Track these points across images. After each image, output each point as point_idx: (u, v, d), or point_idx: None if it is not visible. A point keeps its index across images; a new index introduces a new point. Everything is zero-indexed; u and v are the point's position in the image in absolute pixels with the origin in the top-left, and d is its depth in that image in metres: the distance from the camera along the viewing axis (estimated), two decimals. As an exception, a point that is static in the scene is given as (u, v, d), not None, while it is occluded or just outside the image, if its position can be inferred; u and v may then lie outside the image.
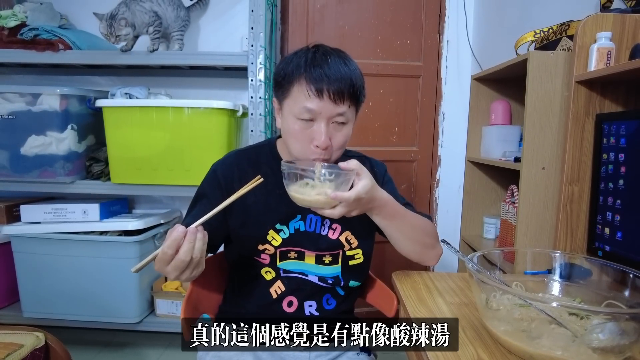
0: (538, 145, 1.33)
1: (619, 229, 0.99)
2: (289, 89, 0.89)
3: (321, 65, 0.86)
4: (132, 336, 2.03)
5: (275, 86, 0.94)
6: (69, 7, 2.04)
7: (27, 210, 1.81)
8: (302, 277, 0.99)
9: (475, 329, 0.79)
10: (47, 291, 1.82)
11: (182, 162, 1.72)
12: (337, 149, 0.91)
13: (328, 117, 0.87)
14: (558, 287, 0.88)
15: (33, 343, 1.22)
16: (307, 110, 0.86)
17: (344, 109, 0.87)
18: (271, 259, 0.98)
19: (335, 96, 0.85)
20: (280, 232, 0.97)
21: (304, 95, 0.86)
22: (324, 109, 0.86)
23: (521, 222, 1.36)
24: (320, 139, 0.86)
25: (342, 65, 0.87)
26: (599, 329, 0.65)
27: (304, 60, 0.87)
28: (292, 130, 0.89)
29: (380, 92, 2.13)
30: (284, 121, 0.92)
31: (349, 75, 0.87)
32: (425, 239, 0.98)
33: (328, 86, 0.84)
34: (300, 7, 2.06)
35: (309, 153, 0.89)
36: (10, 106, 1.74)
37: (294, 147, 0.91)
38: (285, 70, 0.89)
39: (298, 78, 0.87)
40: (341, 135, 0.90)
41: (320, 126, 0.87)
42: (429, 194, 2.25)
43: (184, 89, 2.12)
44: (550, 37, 1.37)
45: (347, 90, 0.86)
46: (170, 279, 0.76)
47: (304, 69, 0.86)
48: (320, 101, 0.85)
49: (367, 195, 0.82)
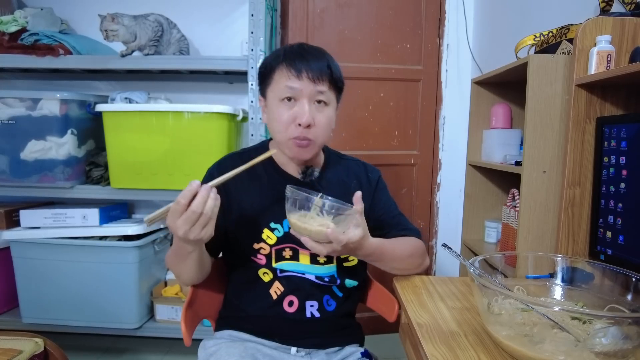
0: (539, 148, 1.32)
1: (620, 232, 0.99)
2: (271, 77, 0.95)
3: (299, 52, 0.94)
4: (131, 342, 2.02)
5: (260, 80, 1.00)
6: (69, 12, 2.04)
7: (27, 215, 1.81)
8: (299, 275, 0.99)
9: (477, 334, 0.78)
10: (46, 297, 1.81)
11: (182, 166, 1.72)
12: (321, 131, 0.94)
13: (309, 96, 0.92)
14: (560, 291, 0.87)
15: (32, 349, 1.21)
16: (289, 88, 0.91)
17: (323, 89, 0.93)
18: (267, 259, 0.99)
19: (313, 76, 0.91)
20: (274, 231, 0.99)
21: (285, 77, 0.92)
22: (305, 88, 0.91)
23: (522, 226, 1.35)
24: (303, 116, 0.91)
25: (318, 52, 0.95)
26: (602, 333, 0.65)
27: (282, 51, 0.96)
28: (276, 114, 0.94)
29: (380, 96, 2.13)
30: (269, 110, 0.97)
31: (326, 60, 0.94)
32: (410, 264, 1.02)
33: (307, 68, 0.91)
34: (300, 12, 2.06)
35: (292, 132, 0.92)
36: (10, 111, 1.74)
37: (278, 129, 0.95)
38: (267, 62, 0.97)
39: (279, 65, 0.93)
40: (323, 116, 0.94)
41: (303, 104, 0.92)
42: (430, 198, 2.25)
43: (183, 93, 2.13)
44: (550, 40, 1.37)
45: (325, 72, 0.92)
46: (179, 235, 0.77)
47: (283, 57, 0.93)
48: (300, 81, 0.91)
49: (354, 245, 0.83)
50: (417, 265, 1.04)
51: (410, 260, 1.01)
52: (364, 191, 1.05)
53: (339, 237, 0.79)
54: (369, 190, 1.07)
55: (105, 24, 1.65)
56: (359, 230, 0.83)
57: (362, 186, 1.06)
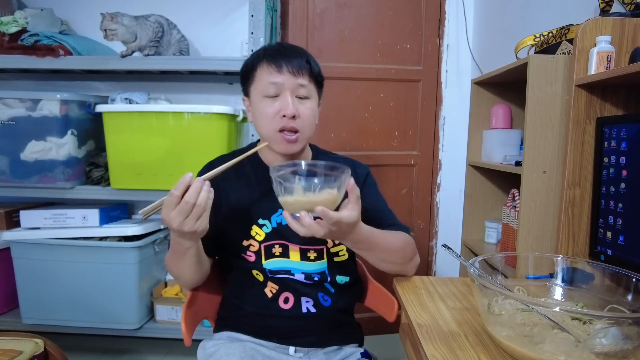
0: (539, 149, 1.32)
1: (621, 232, 0.99)
2: (253, 75, 0.98)
3: (278, 49, 0.97)
4: (131, 342, 2.02)
5: (242, 80, 1.02)
6: (69, 13, 2.04)
7: (27, 215, 1.81)
8: (288, 276, 0.99)
9: (478, 334, 0.78)
10: (46, 297, 1.81)
11: (182, 167, 1.72)
12: (306, 123, 0.96)
13: (291, 89, 0.94)
14: (560, 291, 0.87)
15: (32, 349, 1.21)
16: (272, 84, 0.94)
17: (304, 82, 0.95)
18: (256, 256, 0.99)
19: (294, 69, 0.94)
20: (263, 227, 1.00)
21: (266, 73, 0.95)
22: (286, 81, 0.94)
23: (523, 226, 1.35)
24: (287, 108, 0.93)
25: (297, 48, 0.99)
26: (602, 333, 0.65)
27: (262, 50, 0.99)
28: (260, 110, 0.96)
29: (380, 96, 2.13)
30: (253, 107, 0.99)
31: (305, 55, 0.97)
32: (400, 258, 0.99)
33: (286, 62, 0.94)
34: (300, 12, 2.06)
35: (277, 124, 0.94)
36: (10, 112, 1.74)
37: (263, 125, 0.97)
38: (247, 62, 1.00)
39: (259, 62, 0.96)
40: (307, 109, 0.96)
41: (286, 96, 0.94)
42: (430, 198, 2.25)
43: (183, 94, 2.13)
44: (550, 41, 1.37)
45: (304, 67, 0.95)
46: (174, 228, 0.77)
47: (264, 55, 0.97)
48: (281, 74, 0.93)
49: (347, 227, 0.79)
50: (407, 259, 1.00)
51: (401, 254, 0.98)
52: None
53: (329, 213, 0.74)
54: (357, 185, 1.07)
55: (104, 23, 1.66)
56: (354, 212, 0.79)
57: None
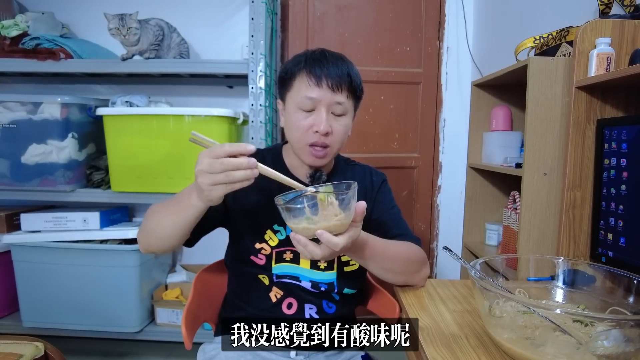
0: (539, 151, 1.32)
1: (622, 234, 0.98)
2: (292, 83, 0.95)
3: (320, 60, 0.93)
4: (132, 345, 2.01)
5: (279, 84, 1.00)
6: (70, 16, 2.05)
7: (28, 219, 1.81)
8: (295, 282, 0.99)
9: (479, 337, 0.78)
10: (46, 300, 1.81)
11: (183, 170, 1.72)
12: (337, 140, 0.95)
13: (327, 105, 0.92)
14: (561, 293, 0.87)
15: (32, 353, 1.21)
16: (308, 99, 0.91)
17: (342, 99, 0.92)
18: (267, 259, 0.98)
19: (333, 85, 0.91)
20: (277, 233, 0.99)
21: (305, 85, 0.91)
22: (324, 97, 0.91)
23: (523, 228, 1.35)
24: (321, 124, 0.91)
25: (339, 60, 0.94)
26: (604, 336, 0.64)
27: (304, 57, 0.95)
28: (294, 121, 0.94)
29: (380, 99, 2.13)
30: (287, 115, 0.97)
31: (346, 69, 0.93)
32: (408, 268, 0.98)
33: (327, 76, 0.90)
34: (300, 15, 2.07)
35: (309, 138, 0.92)
36: (11, 115, 1.74)
37: (295, 136, 0.95)
38: (288, 67, 0.97)
39: (299, 71, 0.93)
40: (340, 125, 0.95)
41: (321, 113, 0.91)
42: (431, 200, 2.25)
43: (184, 97, 2.13)
44: (550, 43, 1.37)
45: (345, 80, 0.92)
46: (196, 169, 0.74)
47: (304, 64, 0.93)
48: (320, 89, 0.91)
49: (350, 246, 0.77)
50: (414, 270, 0.99)
51: (405, 263, 0.97)
52: (366, 194, 1.05)
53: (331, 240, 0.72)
54: (371, 193, 1.07)
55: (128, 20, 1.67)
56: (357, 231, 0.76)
57: (364, 189, 1.06)
